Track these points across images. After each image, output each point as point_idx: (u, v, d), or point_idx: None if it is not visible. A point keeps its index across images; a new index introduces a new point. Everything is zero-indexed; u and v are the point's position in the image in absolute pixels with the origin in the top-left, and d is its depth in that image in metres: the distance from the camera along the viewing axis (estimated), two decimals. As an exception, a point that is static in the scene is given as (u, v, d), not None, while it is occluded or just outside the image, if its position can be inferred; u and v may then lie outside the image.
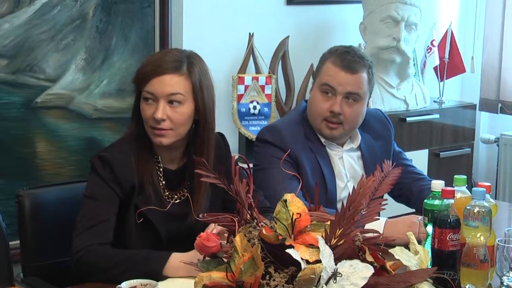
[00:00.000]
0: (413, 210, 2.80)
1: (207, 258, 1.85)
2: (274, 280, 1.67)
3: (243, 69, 3.81)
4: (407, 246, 1.96)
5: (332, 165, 2.73)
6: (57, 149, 3.36)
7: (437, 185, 2.16)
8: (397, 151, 2.92)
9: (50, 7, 3.27)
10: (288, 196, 1.80)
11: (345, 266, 1.71)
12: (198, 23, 3.72)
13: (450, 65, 4.43)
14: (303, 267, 1.66)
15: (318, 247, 1.70)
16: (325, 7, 4.19)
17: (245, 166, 2.00)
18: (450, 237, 1.97)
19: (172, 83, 2.24)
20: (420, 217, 2.38)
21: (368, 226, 1.92)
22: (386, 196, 2.05)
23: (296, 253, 1.67)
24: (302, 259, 1.67)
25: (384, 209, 1.92)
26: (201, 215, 1.95)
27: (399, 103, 4.14)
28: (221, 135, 2.48)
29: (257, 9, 3.93)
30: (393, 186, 1.97)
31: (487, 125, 4.93)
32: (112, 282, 2.01)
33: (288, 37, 3.93)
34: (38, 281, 2.36)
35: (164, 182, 2.32)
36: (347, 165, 2.77)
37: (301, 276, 1.65)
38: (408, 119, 4.11)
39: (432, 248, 2.00)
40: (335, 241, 1.76)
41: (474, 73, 4.65)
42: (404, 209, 2.84)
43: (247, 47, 3.81)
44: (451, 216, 1.97)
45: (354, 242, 1.79)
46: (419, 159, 4.06)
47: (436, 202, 2.14)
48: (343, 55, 2.67)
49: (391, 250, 1.87)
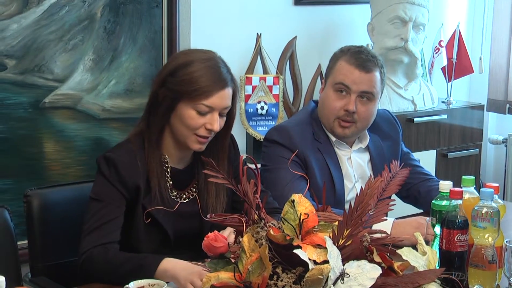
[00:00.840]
0: (421, 210, 2.79)
1: (214, 258, 1.85)
2: (281, 281, 1.67)
3: (250, 69, 3.81)
4: (415, 247, 1.96)
5: (340, 166, 2.73)
6: (65, 149, 3.37)
7: (445, 185, 2.16)
8: (405, 151, 2.92)
9: (58, 8, 3.28)
10: (295, 197, 1.80)
11: (353, 267, 1.71)
12: (206, 23, 3.72)
13: (458, 65, 4.42)
14: (310, 267, 1.66)
15: (325, 248, 1.70)
16: (333, 7, 4.19)
17: (252, 166, 2.00)
18: (458, 238, 1.96)
19: (229, 96, 2.28)
20: (428, 218, 2.38)
21: (376, 226, 1.92)
22: (393, 196, 2.05)
23: (303, 253, 1.67)
24: (309, 259, 1.67)
25: (392, 209, 1.92)
26: (208, 215, 1.96)
27: (407, 104, 4.13)
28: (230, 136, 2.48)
29: (264, 9, 3.93)
30: (400, 187, 1.97)
31: (495, 126, 4.92)
32: (115, 283, 2.02)
33: (295, 37, 3.93)
34: (46, 280, 2.37)
35: (171, 182, 2.32)
36: (355, 165, 2.76)
37: (308, 276, 1.65)
38: (416, 119, 4.10)
39: (440, 249, 2.00)
40: (342, 241, 1.76)
41: (482, 74, 4.64)
42: (411, 209, 2.83)
43: (255, 47, 3.81)
44: (459, 217, 1.97)
45: (361, 243, 1.79)
46: (426, 159, 4.05)
47: (444, 202, 2.14)
48: (357, 54, 2.67)
49: (398, 251, 1.86)
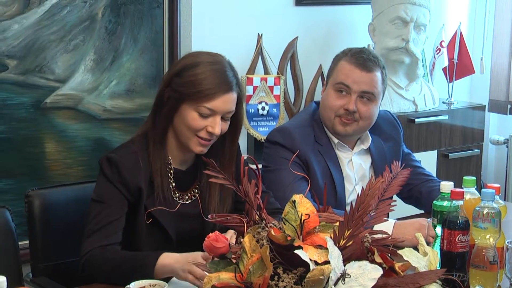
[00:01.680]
0: (422, 211, 2.79)
1: (215, 258, 1.85)
2: (282, 281, 1.67)
3: (251, 69, 3.81)
4: (416, 248, 1.96)
5: (341, 168, 2.73)
6: (66, 149, 3.37)
7: (446, 186, 2.16)
8: (406, 152, 2.92)
9: (60, 8, 3.28)
10: (296, 197, 1.81)
11: (354, 267, 1.71)
12: (207, 23, 3.72)
13: (459, 66, 4.42)
14: (311, 268, 1.66)
15: (326, 248, 1.70)
16: (334, 7, 4.19)
17: (253, 167, 2.00)
18: (459, 239, 1.96)
19: (232, 101, 2.26)
20: (429, 218, 2.38)
21: (377, 227, 1.92)
22: (395, 197, 2.05)
23: (304, 254, 1.67)
24: (310, 260, 1.67)
25: (393, 210, 1.92)
26: (210, 216, 1.96)
27: (408, 104, 4.13)
28: None
29: (266, 9, 3.93)
30: (402, 188, 1.97)
31: (496, 126, 4.92)
32: (116, 283, 2.02)
33: (297, 37, 3.93)
34: (47, 281, 2.37)
35: (174, 184, 2.32)
36: (356, 168, 2.76)
37: (309, 277, 1.65)
38: (417, 120, 4.10)
39: (441, 250, 2.00)
40: (343, 242, 1.76)
41: (483, 74, 4.64)
42: (413, 210, 2.83)
43: (256, 47, 3.81)
44: (460, 218, 1.97)
45: (363, 243, 1.79)
46: (428, 160, 4.06)
47: (445, 203, 2.14)
48: (358, 54, 2.67)
49: (400, 252, 1.86)
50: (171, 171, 2.31)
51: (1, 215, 2.35)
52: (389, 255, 1.82)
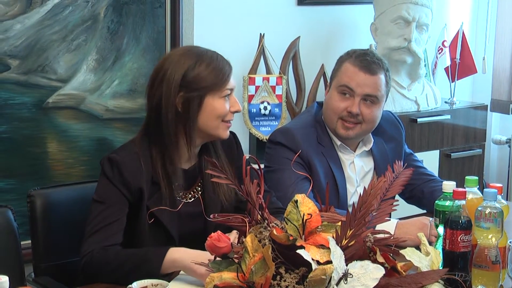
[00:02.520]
0: (424, 211, 2.79)
1: (218, 258, 1.85)
2: (285, 281, 1.67)
3: (253, 69, 3.81)
4: (418, 247, 1.96)
5: (343, 170, 2.73)
6: (68, 149, 3.37)
7: (449, 186, 2.16)
8: (407, 152, 2.92)
9: (62, 8, 3.28)
10: (299, 197, 1.81)
11: (356, 267, 1.71)
12: (209, 23, 3.72)
13: (461, 65, 4.42)
14: (313, 267, 1.66)
15: (329, 248, 1.70)
16: (336, 7, 4.18)
17: (255, 166, 2.00)
18: (462, 238, 1.96)
19: None
20: (431, 218, 2.38)
21: (379, 227, 1.92)
22: (397, 197, 2.05)
23: (306, 253, 1.67)
24: (312, 259, 1.67)
25: (395, 210, 1.92)
26: (212, 216, 1.96)
27: (410, 104, 4.13)
28: (233, 134, 2.48)
29: (268, 9, 3.93)
30: (404, 187, 1.97)
31: (498, 126, 4.91)
32: (118, 283, 2.02)
33: (299, 37, 3.93)
34: (49, 280, 2.37)
35: (176, 183, 2.32)
36: (358, 170, 2.76)
37: (311, 276, 1.65)
38: (419, 120, 4.09)
39: (443, 249, 1.99)
40: (346, 241, 1.76)
41: (485, 74, 4.64)
42: (415, 210, 2.83)
43: (258, 47, 3.81)
44: (462, 217, 1.97)
45: (365, 243, 1.79)
46: (430, 160, 4.05)
47: (448, 203, 2.13)
48: (362, 56, 2.67)
49: (402, 251, 1.86)
50: (174, 171, 2.31)
51: (3, 214, 2.35)
52: (391, 254, 1.82)
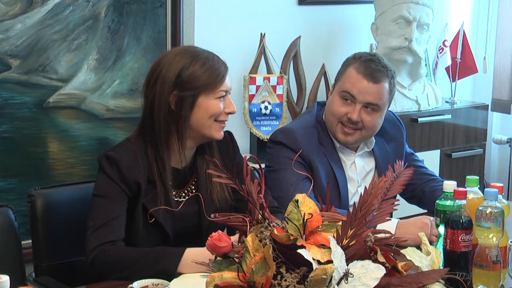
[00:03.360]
0: (425, 210, 2.79)
1: (218, 258, 1.85)
2: (285, 281, 1.67)
3: (254, 69, 3.81)
4: (419, 247, 1.96)
5: (345, 170, 2.73)
6: (69, 149, 3.37)
7: (449, 185, 2.15)
8: (408, 152, 2.91)
9: (63, 8, 3.28)
10: (299, 197, 1.81)
11: (357, 267, 1.71)
12: (210, 23, 3.72)
13: (462, 65, 4.42)
14: (314, 267, 1.66)
15: (329, 248, 1.70)
16: (337, 7, 4.18)
17: (256, 166, 2.00)
18: (462, 238, 1.96)
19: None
20: (432, 218, 2.38)
21: (380, 226, 1.92)
22: (397, 197, 2.05)
23: (307, 253, 1.67)
24: (313, 259, 1.67)
25: (396, 209, 1.92)
26: (212, 215, 1.96)
27: (411, 104, 4.13)
28: (229, 133, 2.50)
29: (268, 9, 3.93)
30: (404, 187, 1.96)
31: (499, 126, 4.91)
32: (129, 280, 2.02)
33: (299, 37, 3.93)
34: (50, 280, 2.38)
35: (170, 183, 2.33)
36: (359, 170, 2.76)
37: (312, 276, 1.65)
38: (419, 119, 4.10)
39: (444, 249, 1.99)
40: (346, 241, 1.76)
41: (486, 74, 4.63)
42: (416, 209, 2.83)
43: (259, 47, 3.81)
44: (463, 217, 1.97)
45: (365, 243, 1.79)
46: (430, 159, 4.05)
47: (448, 202, 2.13)
48: (367, 63, 2.63)
49: (402, 251, 1.86)
50: (169, 170, 2.32)
51: (4, 214, 2.35)
52: (392, 254, 1.82)
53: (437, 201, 2.20)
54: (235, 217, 1.90)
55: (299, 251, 1.67)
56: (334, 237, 1.74)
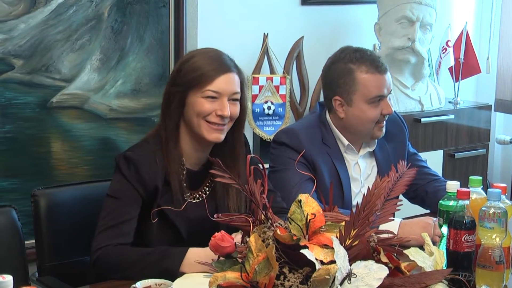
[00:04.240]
0: (428, 211, 2.79)
1: (221, 258, 1.85)
2: (288, 281, 1.67)
3: (257, 69, 3.81)
4: (422, 247, 1.96)
5: (348, 170, 2.73)
6: (72, 149, 3.37)
7: (452, 186, 2.15)
8: (411, 152, 2.91)
9: (66, 8, 3.28)
10: (302, 197, 1.81)
11: (360, 267, 1.71)
12: (213, 23, 3.72)
13: (465, 65, 4.41)
14: (317, 267, 1.66)
15: (332, 248, 1.70)
16: (340, 7, 4.18)
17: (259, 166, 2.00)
18: (465, 238, 1.96)
19: (234, 81, 2.31)
20: (435, 218, 2.38)
21: (383, 226, 1.92)
22: (400, 197, 2.05)
23: (310, 253, 1.67)
24: (316, 259, 1.67)
25: (399, 209, 1.91)
26: (215, 215, 1.96)
27: (414, 104, 4.13)
28: (244, 136, 2.49)
29: (271, 9, 3.93)
30: (408, 187, 1.96)
31: (502, 126, 4.91)
32: (131, 280, 2.02)
33: (302, 37, 3.93)
34: (53, 280, 2.38)
35: (185, 184, 2.33)
36: (362, 170, 2.76)
37: (315, 276, 1.65)
38: (423, 119, 4.09)
39: (447, 249, 1.99)
40: (349, 241, 1.76)
41: (489, 74, 4.63)
42: (419, 209, 2.83)
43: (262, 47, 3.81)
44: (466, 217, 1.97)
45: (368, 243, 1.79)
46: (434, 160, 4.05)
47: (451, 203, 2.13)
48: (370, 60, 2.65)
49: (406, 251, 1.86)
50: (184, 172, 2.32)
51: (7, 214, 2.35)
52: (395, 254, 1.82)
53: (440, 201, 2.20)
54: (238, 217, 1.90)
55: (302, 251, 1.67)
56: (337, 237, 1.74)
